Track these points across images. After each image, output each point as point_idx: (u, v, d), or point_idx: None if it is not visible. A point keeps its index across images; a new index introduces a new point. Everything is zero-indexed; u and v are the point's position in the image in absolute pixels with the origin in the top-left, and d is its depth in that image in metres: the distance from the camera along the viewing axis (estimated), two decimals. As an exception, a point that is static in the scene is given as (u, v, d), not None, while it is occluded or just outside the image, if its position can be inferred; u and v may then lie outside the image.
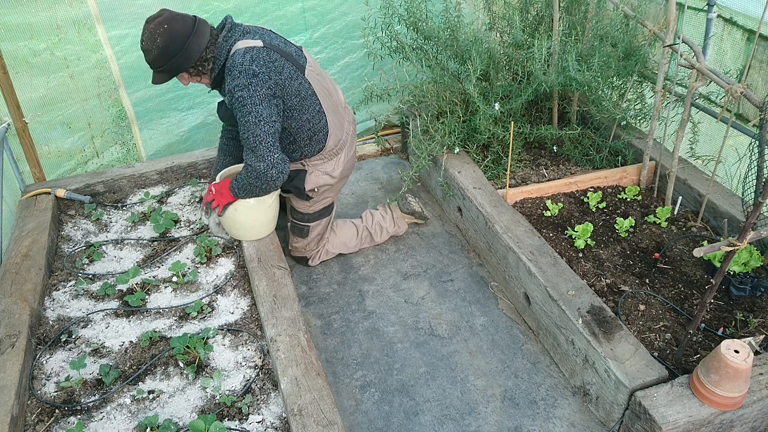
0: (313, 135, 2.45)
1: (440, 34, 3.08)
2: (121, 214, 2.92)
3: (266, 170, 2.24)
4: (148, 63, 2.25)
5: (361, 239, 2.97)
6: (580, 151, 3.21)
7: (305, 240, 2.79)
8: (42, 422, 1.93)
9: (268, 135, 2.20)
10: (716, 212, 2.73)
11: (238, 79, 2.16)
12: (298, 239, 2.80)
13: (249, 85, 2.15)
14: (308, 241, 2.80)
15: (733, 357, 1.79)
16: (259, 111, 2.17)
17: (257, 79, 2.16)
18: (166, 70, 2.25)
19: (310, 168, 2.56)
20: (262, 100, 2.17)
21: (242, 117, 2.18)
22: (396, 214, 3.04)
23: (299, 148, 2.47)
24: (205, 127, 3.50)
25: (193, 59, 2.23)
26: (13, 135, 2.98)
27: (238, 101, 2.17)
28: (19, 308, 2.23)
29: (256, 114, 2.17)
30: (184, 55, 2.21)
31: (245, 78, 2.16)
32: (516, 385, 2.34)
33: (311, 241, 2.80)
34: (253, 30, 2.30)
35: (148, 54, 2.23)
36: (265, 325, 2.21)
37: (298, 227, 2.76)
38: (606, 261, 2.61)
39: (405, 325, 2.62)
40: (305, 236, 2.78)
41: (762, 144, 2.23)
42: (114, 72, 3.11)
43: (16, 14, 2.77)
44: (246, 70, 2.16)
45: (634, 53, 2.88)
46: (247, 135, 2.21)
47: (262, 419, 1.93)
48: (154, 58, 2.22)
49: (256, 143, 2.20)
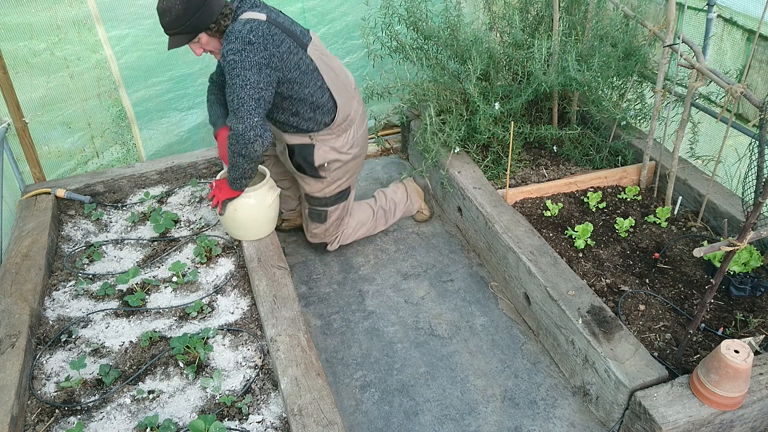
0: (316, 108, 2.45)
1: (440, 33, 3.08)
2: (121, 214, 2.92)
3: (244, 131, 2.23)
4: (167, 24, 2.20)
5: (377, 218, 3.01)
6: (580, 151, 3.21)
7: (324, 225, 2.80)
8: (42, 422, 1.93)
9: (251, 99, 2.20)
10: (716, 212, 2.73)
11: (232, 44, 2.18)
12: (316, 225, 2.81)
13: (242, 51, 2.17)
14: (327, 226, 2.81)
15: (733, 357, 1.79)
16: (247, 76, 2.18)
17: (251, 47, 2.18)
18: (186, 29, 2.20)
19: (318, 143, 2.55)
20: (252, 66, 2.18)
21: (230, 80, 2.20)
22: (410, 187, 3.13)
23: (304, 121, 2.48)
24: (205, 127, 3.50)
25: (215, 13, 2.21)
26: (13, 135, 2.98)
27: (228, 64, 2.19)
28: (19, 308, 2.23)
29: (243, 78, 2.18)
30: (208, 9, 2.19)
31: (239, 43, 2.17)
32: (516, 385, 2.34)
33: (330, 226, 2.81)
34: (261, 5, 2.33)
35: (168, 13, 2.17)
36: (265, 325, 2.21)
37: (316, 212, 2.76)
38: (606, 261, 2.61)
39: (405, 325, 2.62)
40: (324, 221, 2.78)
41: (762, 144, 2.23)
42: (114, 72, 3.11)
43: (16, 14, 2.77)
44: (242, 37, 2.17)
45: (634, 53, 2.88)
46: (231, 97, 2.22)
47: (262, 419, 1.93)
48: (177, 16, 2.17)
49: (238, 105, 2.21)
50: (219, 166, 3.22)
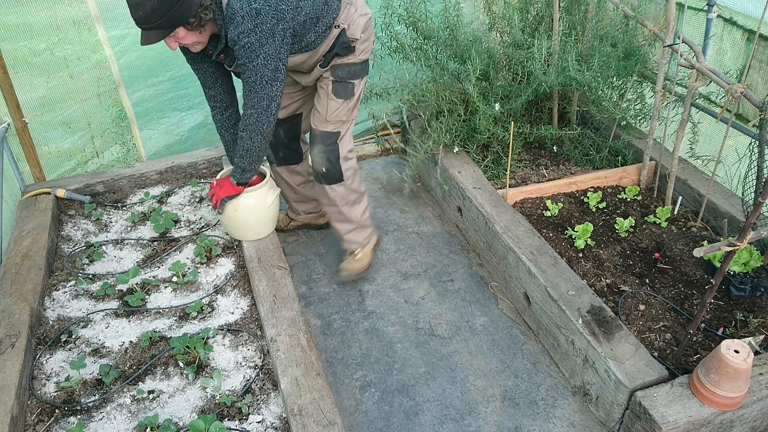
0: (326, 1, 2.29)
1: (440, 34, 3.08)
2: (121, 214, 2.92)
3: (268, 105, 2.17)
4: (141, 18, 1.97)
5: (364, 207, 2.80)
6: (580, 151, 3.21)
7: (348, 102, 2.50)
8: (42, 422, 1.93)
9: (274, 71, 2.12)
10: (716, 212, 2.73)
11: (241, 25, 2.01)
12: (340, 100, 2.48)
13: (255, 28, 2.03)
14: (351, 105, 2.51)
15: (733, 357, 1.79)
16: (267, 50, 2.07)
17: (261, 17, 2.02)
18: (163, 23, 1.97)
19: (345, 23, 2.37)
20: (268, 36, 2.06)
21: (250, 62, 2.09)
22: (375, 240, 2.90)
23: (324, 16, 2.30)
24: (205, 127, 3.50)
25: (195, 6, 1.99)
26: (13, 135, 2.98)
27: (244, 48, 2.06)
28: (19, 308, 2.23)
29: (264, 55, 2.08)
30: (185, 3, 1.96)
31: (249, 21, 2.00)
32: (516, 385, 2.34)
33: (353, 108, 2.54)
34: None
35: (142, 6, 1.93)
36: (265, 325, 2.21)
37: (342, 85, 2.47)
38: (606, 261, 2.61)
39: (405, 325, 2.62)
40: (349, 96, 2.49)
41: (762, 144, 2.23)
42: (114, 72, 3.11)
43: (16, 14, 2.77)
44: (248, 12, 2.00)
45: (634, 53, 2.88)
46: (254, 78, 2.12)
47: (262, 419, 1.93)
48: (152, 9, 1.93)
49: (262, 83, 2.13)
50: (219, 166, 3.22)
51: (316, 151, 2.54)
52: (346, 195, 2.63)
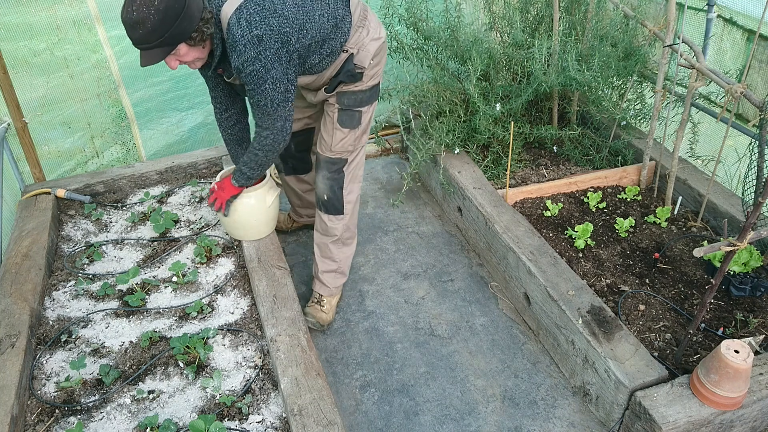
0: (336, 23, 2.22)
1: (440, 34, 3.08)
2: (121, 214, 2.92)
3: (283, 125, 2.15)
4: (141, 38, 1.83)
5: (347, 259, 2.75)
6: (580, 151, 3.21)
7: (355, 132, 2.42)
8: (42, 422, 1.93)
9: (284, 93, 2.09)
10: (716, 212, 2.73)
11: (244, 54, 1.95)
12: (345, 130, 2.41)
13: (258, 56, 1.97)
14: (357, 135, 2.45)
15: (733, 357, 1.79)
16: (274, 75, 2.03)
17: (263, 44, 1.96)
18: (164, 41, 1.86)
19: (354, 48, 2.29)
20: (273, 62, 2.01)
21: (258, 87, 2.05)
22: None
23: (331, 39, 2.24)
24: (205, 127, 3.50)
25: (196, 19, 1.88)
26: (13, 135, 2.98)
27: (250, 75, 2.01)
28: (19, 308, 2.23)
29: (272, 80, 2.04)
30: (187, 17, 1.85)
31: (252, 49, 1.95)
32: (516, 385, 2.34)
33: (360, 136, 2.47)
34: None
35: (142, 25, 1.80)
36: (265, 325, 2.21)
37: (348, 113, 2.39)
38: (606, 261, 2.61)
39: (405, 325, 2.62)
40: (356, 126, 2.41)
41: (762, 144, 2.23)
42: (114, 72, 3.11)
43: (16, 14, 2.77)
44: (249, 40, 1.93)
45: (634, 53, 2.88)
46: (264, 102, 2.08)
47: (262, 419, 1.93)
48: (153, 27, 1.81)
49: (273, 106, 2.10)
50: (219, 166, 3.22)
51: (320, 178, 2.50)
52: (341, 231, 2.59)
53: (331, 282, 2.66)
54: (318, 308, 2.63)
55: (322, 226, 2.60)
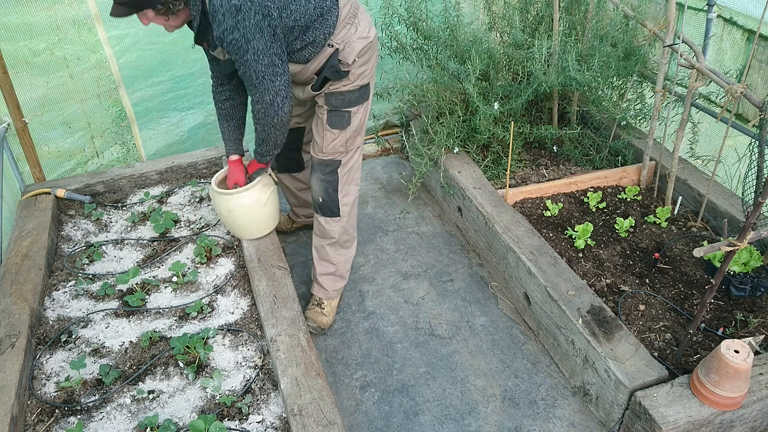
0: (322, 13, 2.25)
1: (440, 34, 3.08)
2: (121, 214, 2.92)
3: (273, 99, 2.16)
4: None
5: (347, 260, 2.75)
6: (580, 151, 3.21)
7: (345, 132, 2.43)
8: (42, 422, 1.93)
9: (269, 66, 2.11)
10: (716, 212, 2.73)
11: (224, 23, 2.01)
12: (335, 131, 2.42)
13: (237, 25, 2.02)
14: (348, 135, 2.45)
15: (733, 357, 1.79)
16: (255, 46, 2.06)
17: (242, 14, 2.02)
18: (131, 3, 1.99)
19: (341, 44, 2.32)
20: (254, 32, 2.05)
21: (240, 57, 2.09)
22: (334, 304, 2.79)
23: (315, 28, 2.26)
24: (205, 127, 3.50)
25: None
26: (13, 135, 2.98)
27: (231, 45, 2.06)
28: (19, 308, 2.23)
29: (253, 50, 2.07)
30: None
31: (230, 18, 2.00)
32: (516, 385, 2.34)
33: (351, 137, 2.47)
34: None
35: None
36: (265, 325, 2.21)
37: (337, 114, 2.40)
38: (606, 261, 2.61)
39: (405, 325, 2.62)
40: (345, 126, 2.41)
41: (762, 144, 2.23)
42: (114, 72, 3.11)
43: (16, 14, 2.77)
44: (228, 9, 1.99)
45: (634, 53, 2.88)
46: (249, 73, 2.12)
47: (262, 419, 1.93)
48: None
49: (259, 78, 2.12)
50: (219, 166, 3.22)
51: (314, 180, 2.51)
52: (339, 234, 2.58)
53: (329, 285, 2.65)
54: (318, 311, 2.63)
55: (320, 229, 2.60)
